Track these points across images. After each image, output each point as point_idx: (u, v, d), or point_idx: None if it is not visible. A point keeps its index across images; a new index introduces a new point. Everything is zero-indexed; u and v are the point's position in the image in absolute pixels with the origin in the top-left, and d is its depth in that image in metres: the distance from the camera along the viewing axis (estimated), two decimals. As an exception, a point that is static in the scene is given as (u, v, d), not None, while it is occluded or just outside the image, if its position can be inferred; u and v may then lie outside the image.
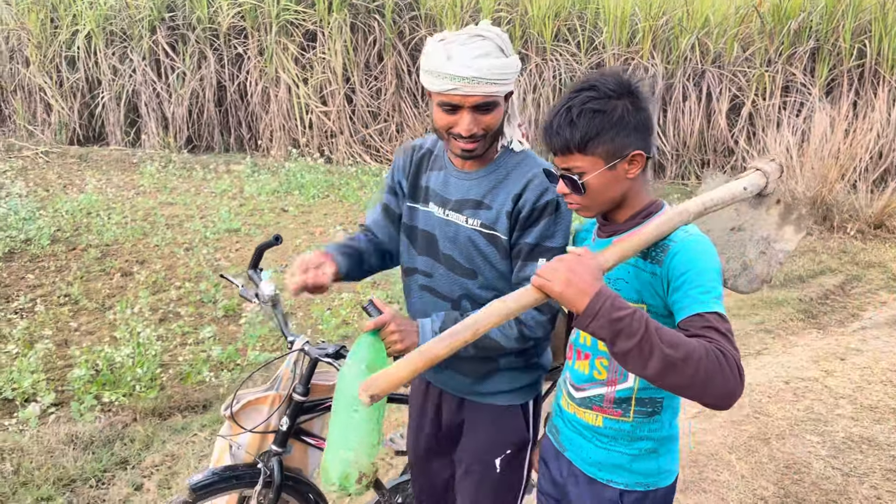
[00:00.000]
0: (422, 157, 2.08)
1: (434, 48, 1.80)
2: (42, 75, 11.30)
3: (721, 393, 1.33)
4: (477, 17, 10.55)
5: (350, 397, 1.70)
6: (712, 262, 1.51)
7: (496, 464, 2.08)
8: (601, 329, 1.35)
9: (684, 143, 10.10)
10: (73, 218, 7.45)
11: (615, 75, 1.60)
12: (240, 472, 2.16)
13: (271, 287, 2.17)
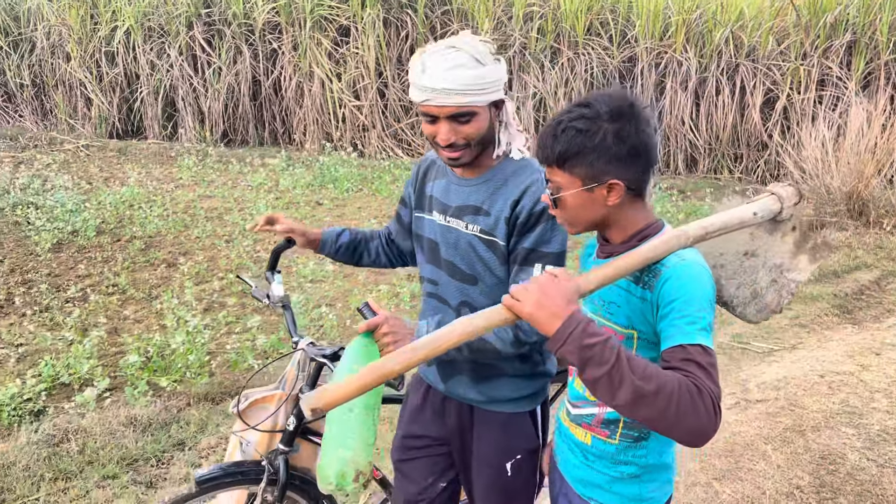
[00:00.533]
0: (428, 167, 2.13)
1: (414, 59, 1.85)
2: (82, 70, 11.56)
3: (692, 430, 1.28)
4: (509, 11, 10.59)
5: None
6: (703, 291, 1.44)
7: (507, 468, 2.10)
8: (570, 354, 1.33)
9: (717, 137, 10.07)
10: (116, 210, 7.66)
11: (616, 98, 1.52)
12: (245, 468, 2.19)
13: (281, 289, 2.31)
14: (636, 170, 1.52)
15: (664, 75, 10.22)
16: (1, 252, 6.35)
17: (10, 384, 4.07)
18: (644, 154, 1.52)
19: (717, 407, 1.30)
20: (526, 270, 1.90)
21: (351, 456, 1.70)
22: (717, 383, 1.33)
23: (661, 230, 1.59)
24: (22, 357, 4.55)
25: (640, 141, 1.50)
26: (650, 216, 1.61)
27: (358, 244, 2.34)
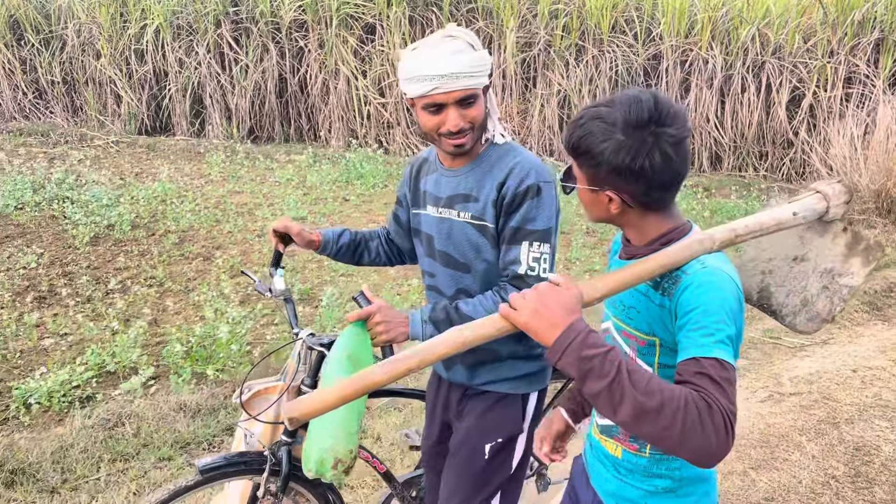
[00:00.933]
0: (420, 165, 2.20)
1: (409, 57, 1.90)
2: (112, 68, 11.74)
3: (698, 450, 1.19)
4: (534, 8, 10.64)
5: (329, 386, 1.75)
6: (723, 301, 1.35)
7: (485, 449, 2.10)
8: (569, 366, 1.26)
9: (742, 135, 10.07)
10: (149, 205, 7.80)
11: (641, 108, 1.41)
12: (249, 458, 2.20)
13: (283, 283, 2.39)
14: (636, 188, 1.44)
15: (689, 73, 10.23)
16: (41, 245, 6.50)
17: (58, 372, 4.20)
18: (645, 175, 1.41)
19: (730, 426, 1.21)
20: (513, 249, 1.95)
21: (330, 444, 1.72)
22: (731, 401, 1.24)
23: (687, 233, 1.51)
24: (68, 346, 4.68)
25: (644, 164, 1.40)
26: (673, 221, 1.52)
27: (358, 244, 2.40)
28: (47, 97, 12.29)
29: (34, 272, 5.91)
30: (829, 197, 1.61)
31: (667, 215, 1.51)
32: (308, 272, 6.23)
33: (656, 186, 1.43)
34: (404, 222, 2.33)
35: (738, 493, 3.28)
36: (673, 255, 1.42)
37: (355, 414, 1.75)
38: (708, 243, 1.44)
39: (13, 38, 12.15)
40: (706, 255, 1.44)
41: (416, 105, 1.93)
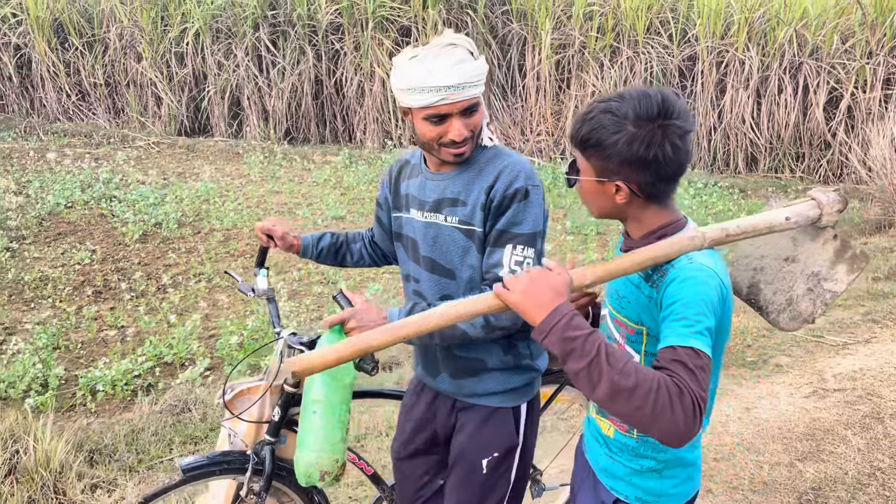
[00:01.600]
0: (400, 168, 2.17)
1: (409, 67, 1.84)
2: (153, 70, 12.00)
3: (667, 430, 1.28)
4: (569, 10, 10.70)
5: (309, 397, 1.73)
6: (705, 294, 1.44)
7: (483, 465, 2.08)
8: (553, 346, 1.36)
9: (778, 136, 10.04)
10: (193, 204, 8.00)
11: (650, 102, 1.50)
12: (231, 458, 2.20)
13: (265, 283, 2.41)
14: (645, 178, 1.52)
15: (725, 74, 10.22)
16: (93, 242, 6.71)
17: (120, 362, 4.36)
18: (656, 165, 1.50)
19: (698, 410, 1.29)
20: (497, 251, 1.91)
21: (314, 458, 1.73)
22: (703, 387, 1.32)
23: (682, 228, 1.59)
24: (125, 338, 4.86)
25: (656, 154, 1.48)
26: (671, 215, 1.60)
27: (340, 247, 2.40)
28: (90, 99, 12.60)
29: (89, 268, 6.12)
30: (824, 205, 1.66)
31: (666, 208, 1.60)
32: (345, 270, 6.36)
33: (663, 177, 1.53)
34: (386, 225, 2.29)
35: (786, 482, 3.33)
36: (663, 248, 1.51)
37: (338, 423, 1.74)
38: (699, 240, 1.52)
39: (58, 42, 12.48)
40: (696, 252, 1.52)
41: (416, 115, 1.89)
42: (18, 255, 6.30)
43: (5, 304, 5.36)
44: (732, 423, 3.82)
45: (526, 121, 11.05)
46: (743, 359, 4.62)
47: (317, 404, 1.71)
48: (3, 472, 2.88)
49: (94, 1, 12.49)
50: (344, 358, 1.48)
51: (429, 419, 2.22)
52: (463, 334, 1.92)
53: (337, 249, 2.40)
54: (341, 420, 1.77)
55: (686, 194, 8.77)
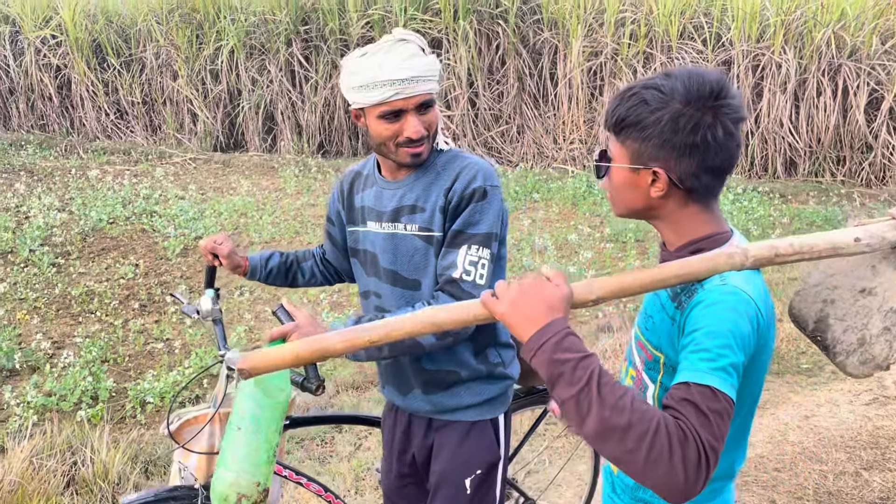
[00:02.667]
0: (352, 181, 2.08)
1: (360, 64, 1.80)
2: (189, 87, 12.19)
3: (665, 482, 1.09)
4: (600, 18, 10.66)
5: (236, 413, 1.61)
6: (734, 324, 1.22)
7: (466, 485, 2.00)
8: (541, 367, 1.18)
9: (818, 140, 9.86)
10: (231, 218, 8.07)
11: (703, 81, 1.32)
12: (180, 493, 2.08)
13: (210, 303, 2.25)
14: (688, 166, 1.32)
15: (761, 77, 10.09)
16: (135, 256, 6.79)
17: (167, 374, 4.39)
18: (703, 151, 1.30)
19: (704, 461, 1.09)
20: (451, 252, 1.85)
21: (233, 479, 1.59)
22: (716, 435, 1.12)
23: (724, 243, 1.37)
24: (172, 350, 4.89)
25: (706, 136, 1.30)
26: (715, 224, 1.39)
27: (290, 266, 2.28)
28: (128, 117, 12.83)
29: (132, 282, 6.19)
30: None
31: (709, 213, 1.39)
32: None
33: (710, 168, 1.32)
34: (339, 241, 2.18)
35: (852, 492, 3.23)
36: (693, 265, 1.29)
37: (265, 442, 1.60)
38: (739, 258, 1.30)
39: (96, 62, 12.74)
40: (733, 272, 1.30)
41: (369, 115, 1.84)
42: (64, 271, 6.40)
43: (54, 318, 5.44)
44: (792, 432, 3.72)
45: (558, 129, 11.01)
46: (798, 366, 4.52)
47: (243, 420, 1.57)
48: (63, 484, 2.90)
49: (130, 21, 12.74)
50: (301, 359, 1.30)
51: (406, 444, 2.13)
52: (414, 344, 1.83)
53: (287, 269, 2.27)
54: (268, 441, 1.61)
55: (725, 199, 8.64)
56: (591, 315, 5.52)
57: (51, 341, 4.99)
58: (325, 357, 1.33)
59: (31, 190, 9.24)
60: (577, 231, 7.52)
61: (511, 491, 2.68)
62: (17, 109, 13.28)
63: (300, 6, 11.65)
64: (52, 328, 5.26)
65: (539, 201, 9.01)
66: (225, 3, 12.03)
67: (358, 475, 3.27)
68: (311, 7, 11.70)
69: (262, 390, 1.59)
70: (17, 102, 13.24)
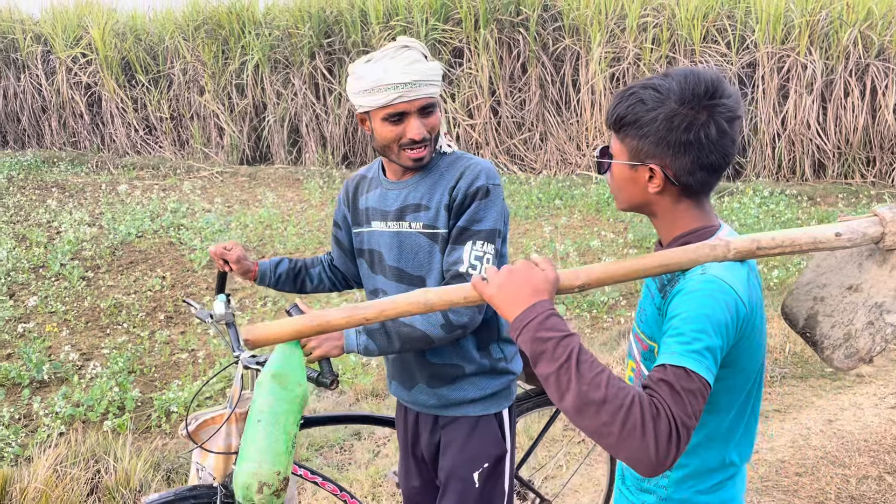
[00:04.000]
0: (357, 184, 2.16)
1: (365, 70, 1.88)
2: (215, 102, 12.39)
3: (636, 454, 1.15)
4: (622, 23, 10.63)
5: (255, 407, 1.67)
6: (710, 310, 1.27)
7: (474, 478, 2.04)
8: (524, 345, 1.25)
9: (847, 141, 9.71)
10: (256, 229, 8.18)
11: (699, 80, 1.36)
12: (199, 492, 2.11)
13: (223, 308, 2.30)
14: (683, 163, 1.37)
15: (787, 79, 9.97)
16: (162, 269, 6.91)
17: (192, 384, 4.46)
18: (698, 149, 1.35)
19: (675, 436, 1.15)
20: (458, 248, 1.92)
21: (254, 469, 1.63)
22: (688, 413, 1.18)
23: (710, 236, 1.42)
24: (196, 361, 4.97)
25: (699, 134, 1.34)
26: (705, 219, 1.45)
27: (298, 272, 2.32)
28: (156, 133, 13.08)
29: (160, 294, 6.30)
30: (887, 222, 1.44)
31: (701, 209, 1.45)
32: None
33: (704, 165, 1.37)
34: (346, 244, 2.25)
35: (875, 496, 3.17)
36: (676, 255, 1.36)
37: (283, 433, 1.65)
38: (721, 250, 1.36)
39: (125, 79, 13.02)
40: (714, 263, 1.35)
41: (374, 118, 1.91)
42: (94, 284, 6.54)
43: (83, 330, 5.56)
44: (815, 437, 3.66)
45: (581, 136, 10.98)
46: (822, 370, 4.45)
47: (262, 413, 1.63)
48: (86, 491, 2.96)
49: (158, 38, 13.01)
50: (302, 332, 1.41)
51: (416, 443, 2.18)
52: (424, 336, 1.90)
53: (296, 275, 2.32)
54: (287, 432, 1.66)
55: (752, 203, 8.54)
56: (613, 321, 5.49)
57: (79, 353, 5.09)
58: (324, 330, 1.42)
59: (63, 205, 9.46)
60: (599, 237, 7.49)
61: (527, 492, 2.69)
62: (49, 127, 13.61)
63: (323, 19, 11.80)
64: (80, 340, 5.37)
65: (562, 208, 8.99)
66: (249, 18, 12.23)
67: (375, 482, 3.29)
68: (333, 20, 11.84)
69: (279, 384, 1.64)
70: (49, 120, 13.58)
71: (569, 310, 5.74)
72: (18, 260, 7.01)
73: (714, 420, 1.42)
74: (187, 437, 2.08)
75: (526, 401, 2.57)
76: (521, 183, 10.30)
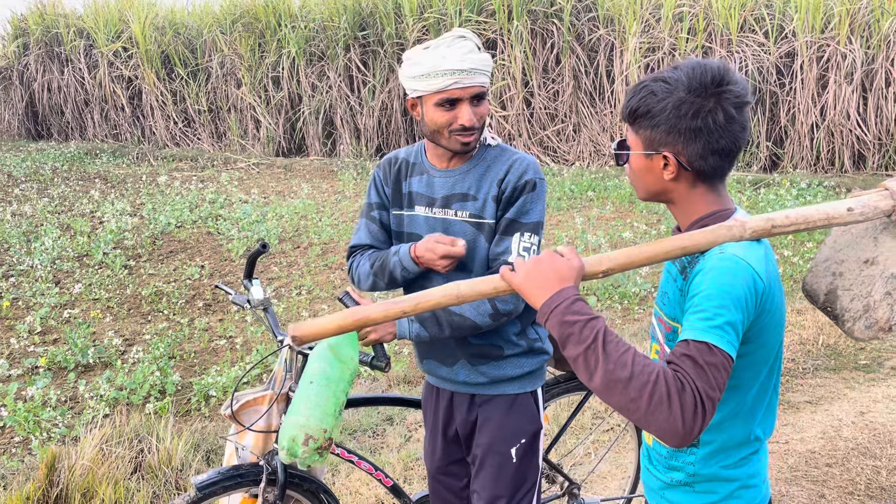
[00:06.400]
0: (399, 167, 2.18)
1: (422, 56, 1.95)
2: (252, 95, 12.58)
3: (665, 426, 1.22)
4: (657, 13, 10.53)
5: (308, 371, 1.73)
6: (729, 287, 1.33)
7: (512, 454, 2.12)
8: (552, 329, 1.33)
9: (888, 132, 9.52)
10: (292, 220, 8.32)
11: (705, 71, 1.42)
12: (244, 471, 2.18)
13: (261, 293, 2.35)
14: (695, 149, 1.42)
15: (826, 69, 9.80)
16: (201, 258, 7.08)
17: (230, 369, 4.59)
18: (707, 135, 1.41)
19: (700, 408, 1.22)
20: (506, 240, 2.00)
21: (302, 422, 1.68)
22: (712, 385, 1.25)
23: (726, 219, 1.46)
24: (234, 347, 5.10)
25: (707, 120, 1.40)
26: (721, 202, 1.50)
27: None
28: (195, 125, 13.33)
29: (198, 283, 6.46)
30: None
31: (716, 193, 1.49)
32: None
33: (715, 150, 1.42)
34: (387, 224, 2.23)
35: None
36: (694, 238, 1.42)
37: (333, 396, 1.70)
38: (737, 230, 1.41)
39: (165, 73, 13.28)
40: (732, 243, 1.41)
41: (427, 102, 1.97)
42: (135, 272, 6.73)
43: (125, 317, 5.74)
44: (846, 428, 3.65)
45: (615, 127, 10.93)
46: (856, 361, 4.41)
47: (315, 376, 1.69)
48: (131, 469, 3.09)
49: (196, 32, 13.24)
50: (344, 327, 1.51)
51: (448, 420, 2.23)
52: (473, 325, 1.98)
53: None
54: (336, 396, 1.71)
55: (788, 195, 8.44)
56: (644, 312, 5.50)
57: (122, 338, 5.26)
58: (364, 325, 1.52)
59: (105, 196, 9.72)
60: (632, 229, 7.47)
61: (556, 475, 2.75)
62: (92, 120, 13.96)
63: (358, 12, 11.90)
64: (123, 326, 5.54)
65: (594, 199, 8.97)
66: (285, 12, 12.38)
67: (406, 465, 3.37)
68: (368, 13, 11.93)
69: (333, 354, 1.74)
70: (92, 113, 13.92)
71: (600, 301, 5.76)
72: (63, 249, 7.24)
73: (738, 396, 1.47)
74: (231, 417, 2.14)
75: (555, 386, 2.61)
76: (554, 174, 10.29)
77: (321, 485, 2.32)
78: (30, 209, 8.92)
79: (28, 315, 5.66)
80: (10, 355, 4.99)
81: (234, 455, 2.27)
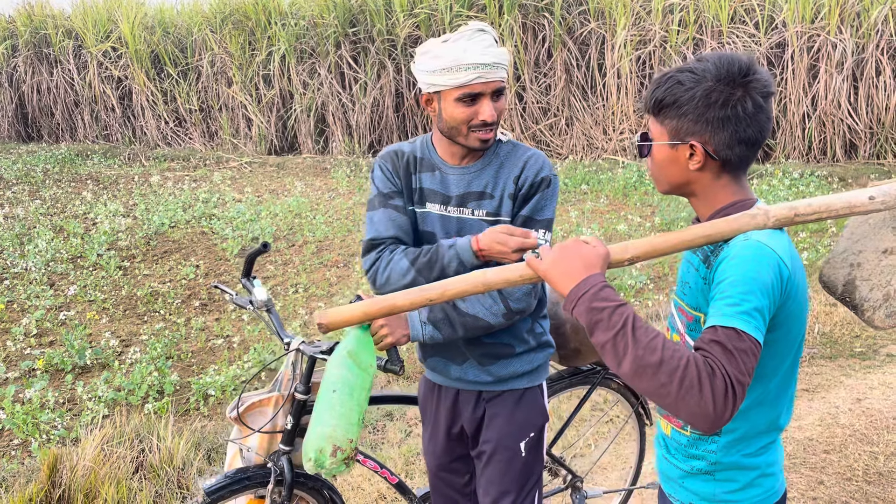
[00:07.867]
0: (406, 160, 2.10)
1: (442, 49, 1.89)
2: (243, 93, 12.54)
3: (693, 412, 1.23)
4: (647, 6, 10.54)
5: (329, 379, 1.73)
6: (755, 273, 1.33)
7: (521, 448, 2.12)
8: (580, 316, 1.33)
9: (878, 120, 9.57)
10: (286, 218, 8.30)
11: (733, 62, 1.43)
12: (251, 473, 2.19)
13: (264, 293, 2.28)
14: (722, 138, 1.43)
15: (817, 59, 9.84)
16: (195, 258, 7.07)
17: (228, 368, 4.59)
18: (735, 123, 1.41)
19: (731, 393, 1.22)
20: None
21: (329, 432, 1.68)
22: (741, 370, 1.25)
23: (748, 209, 1.47)
24: (231, 346, 5.10)
25: (736, 109, 1.41)
26: (742, 192, 1.50)
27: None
28: (186, 125, 13.28)
29: (193, 282, 6.45)
30: None
31: (739, 184, 1.50)
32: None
33: (742, 139, 1.43)
34: (410, 213, 2.13)
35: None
36: (718, 226, 1.43)
37: (356, 404, 1.70)
38: (761, 219, 1.42)
39: (155, 72, 13.22)
40: (757, 231, 1.41)
41: (445, 98, 1.91)
42: (130, 273, 6.71)
43: (121, 318, 5.72)
44: (843, 415, 3.68)
45: (608, 120, 10.94)
46: (852, 349, 4.44)
47: (337, 384, 1.68)
48: (132, 469, 3.09)
49: (186, 31, 13.18)
50: (370, 315, 1.53)
51: (453, 418, 2.20)
52: (486, 325, 1.96)
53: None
54: (360, 405, 1.71)
55: (781, 185, 8.48)
56: (640, 305, 5.51)
57: (119, 339, 5.25)
58: (391, 312, 1.53)
59: (98, 197, 9.68)
60: (626, 221, 7.49)
61: (559, 469, 2.75)
62: (82, 121, 13.89)
63: (348, 8, 11.86)
64: (119, 327, 5.53)
65: (588, 192, 8.99)
66: (275, 9, 12.33)
67: (407, 460, 3.38)
68: (358, 9, 11.90)
69: (354, 361, 1.74)
70: (82, 114, 13.85)
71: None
72: (57, 251, 7.21)
73: (762, 384, 1.48)
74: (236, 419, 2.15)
75: (558, 381, 2.62)
76: (548, 168, 10.29)
77: (326, 482, 2.33)
78: (22, 211, 8.88)
79: (23, 318, 5.64)
80: (7, 358, 4.98)
81: (238, 457, 2.27)
